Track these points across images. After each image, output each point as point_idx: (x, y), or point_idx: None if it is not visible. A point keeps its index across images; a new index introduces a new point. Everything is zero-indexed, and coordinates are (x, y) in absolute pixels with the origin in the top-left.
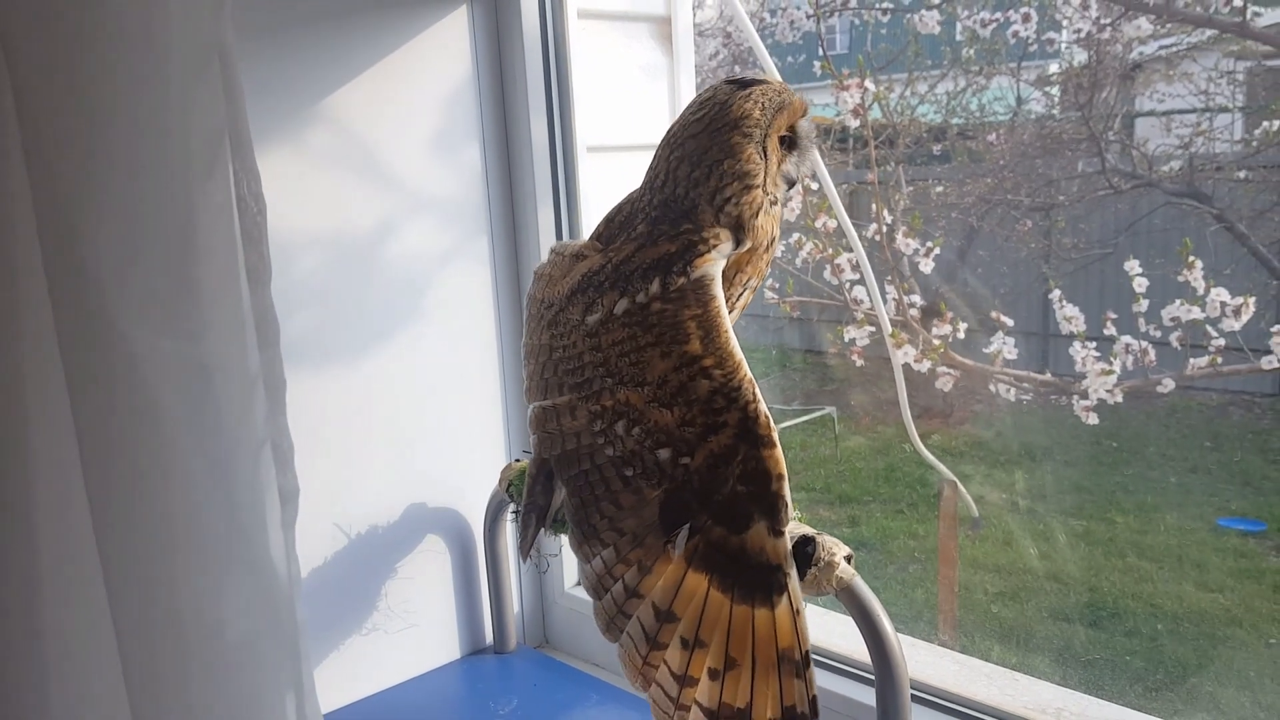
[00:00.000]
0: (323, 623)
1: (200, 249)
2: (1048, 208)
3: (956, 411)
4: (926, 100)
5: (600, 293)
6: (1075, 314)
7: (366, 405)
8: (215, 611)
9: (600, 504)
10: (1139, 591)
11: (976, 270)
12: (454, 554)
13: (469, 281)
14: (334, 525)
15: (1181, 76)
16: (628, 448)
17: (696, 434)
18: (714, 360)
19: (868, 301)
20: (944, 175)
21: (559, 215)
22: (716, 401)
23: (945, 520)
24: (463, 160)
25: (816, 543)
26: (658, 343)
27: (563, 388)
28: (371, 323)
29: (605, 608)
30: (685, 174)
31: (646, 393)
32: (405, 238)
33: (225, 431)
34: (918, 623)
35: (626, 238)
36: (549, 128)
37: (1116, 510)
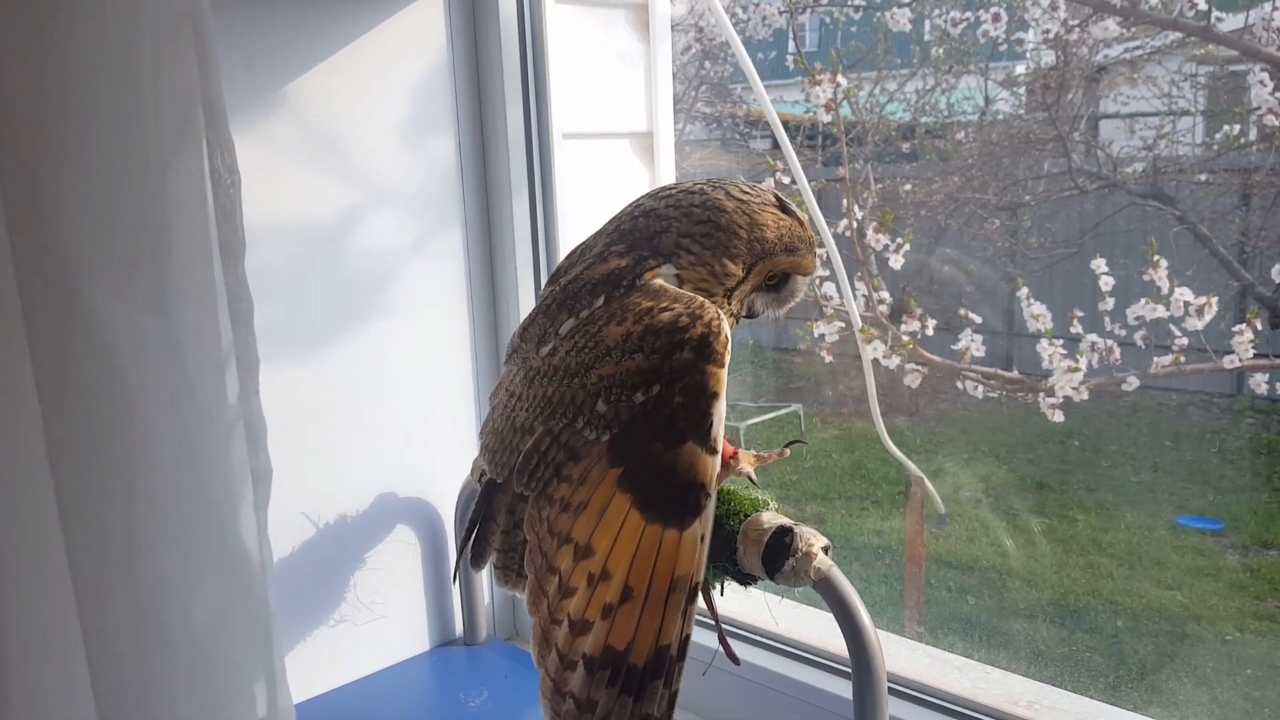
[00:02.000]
0: (289, 614)
1: (172, 222)
2: (1014, 207)
3: (924, 408)
4: (895, 98)
5: (551, 320)
6: (1042, 312)
7: (336, 394)
8: (184, 594)
9: (551, 469)
10: (1100, 588)
11: (944, 268)
12: (424, 544)
13: (442, 270)
14: (301, 515)
15: (1145, 80)
16: (600, 413)
17: (660, 359)
18: (671, 298)
19: (838, 298)
20: (912, 173)
21: (534, 203)
22: (681, 321)
23: (912, 516)
24: (437, 146)
25: (794, 533)
26: (610, 319)
27: (531, 429)
28: (342, 311)
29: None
30: (675, 226)
31: (614, 357)
32: (377, 225)
33: (197, 409)
34: (881, 618)
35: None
36: (525, 114)
37: (1079, 508)
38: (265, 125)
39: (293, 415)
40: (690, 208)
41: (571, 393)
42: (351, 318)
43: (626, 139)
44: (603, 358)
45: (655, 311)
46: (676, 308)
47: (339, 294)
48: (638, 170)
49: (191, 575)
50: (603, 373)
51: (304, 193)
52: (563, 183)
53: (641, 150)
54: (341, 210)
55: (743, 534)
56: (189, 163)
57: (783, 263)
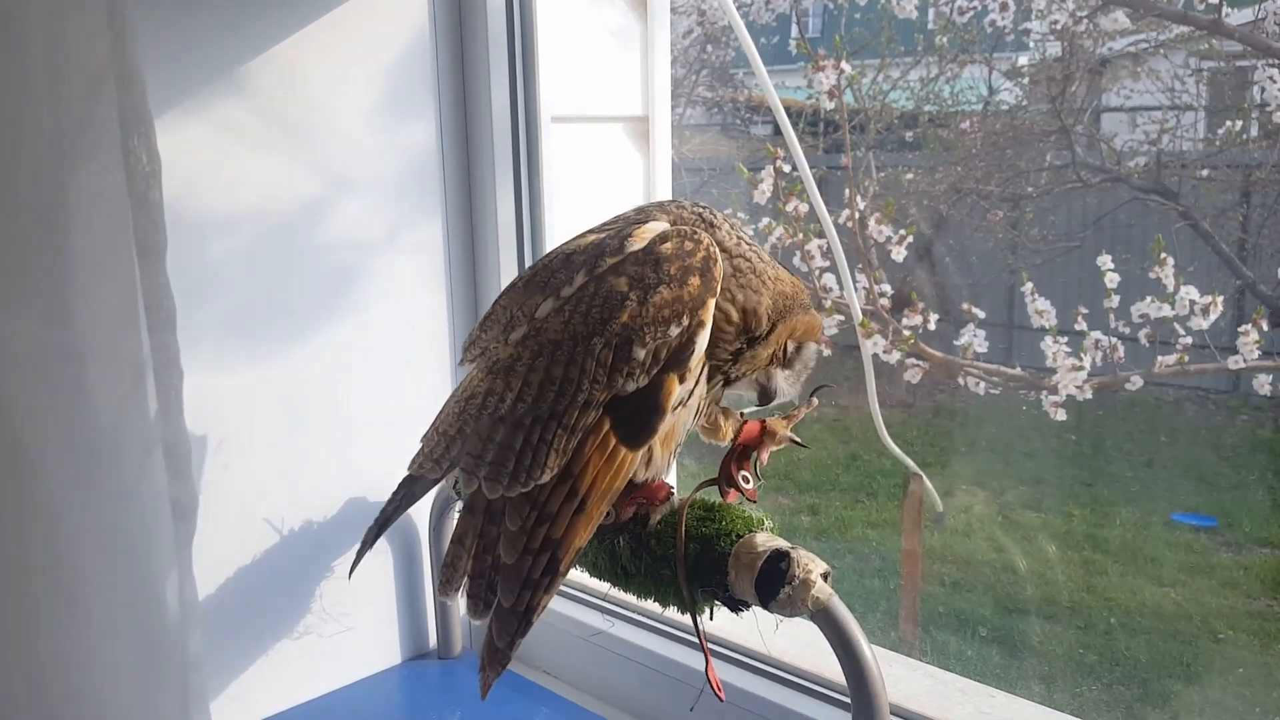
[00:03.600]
0: (250, 626)
1: (73, 214)
2: (1017, 198)
3: (920, 399)
4: (899, 86)
5: (520, 304)
6: (1046, 308)
7: (303, 394)
8: (85, 651)
9: (544, 455)
10: (1094, 585)
11: (946, 259)
12: (396, 552)
13: (419, 262)
14: (264, 521)
15: (1148, 73)
16: (639, 360)
17: (679, 287)
18: (666, 233)
19: (838, 290)
20: (915, 162)
21: (519, 190)
22: (685, 246)
23: (910, 515)
24: (415, 129)
25: (791, 558)
26: (610, 273)
27: (518, 422)
28: (309, 306)
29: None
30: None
31: (635, 298)
32: (349, 214)
33: (100, 431)
34: (875, 613)
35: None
36: (511, 95)
37: (1074, 503)
38: (224, 104)
39: (255, 416)
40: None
41: (581, 359)
42: (320, 313)
43: (621, 123)
44: (618, 307)
45: (657, 244)
46: (674, 239)
47: (307, 288)
48: (631, 157)
49: (94, 630)
50: (624, 320)
51: (268, 178)
52: (551, 169)
53: (636, 136)
54: (309, 198)
55: (734, 556)
56: (97, 145)
57: (800, 324)
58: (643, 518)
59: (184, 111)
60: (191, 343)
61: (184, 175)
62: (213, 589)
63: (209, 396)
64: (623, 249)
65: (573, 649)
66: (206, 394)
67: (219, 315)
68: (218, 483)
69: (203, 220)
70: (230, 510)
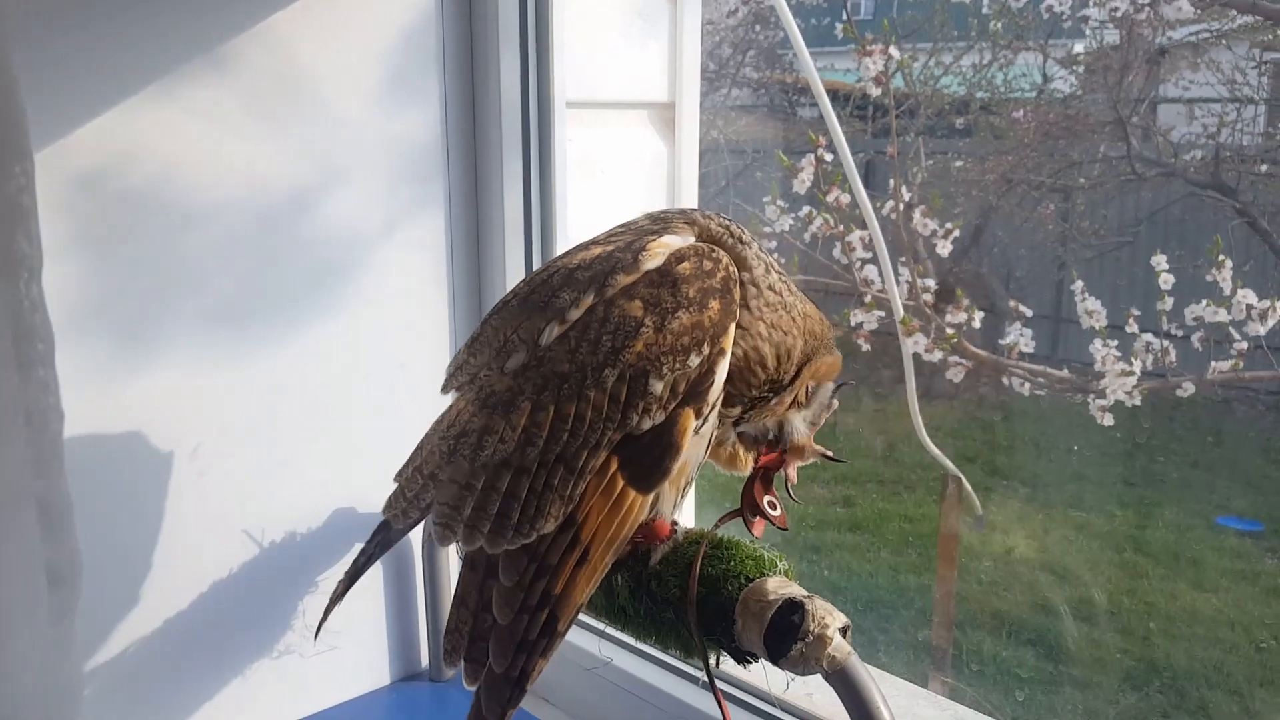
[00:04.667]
0: (225, 644)
1: None
2: (1068, 190)
3: (964, 394)
4: (951, 72)
5: (513, 326)
6: (1096, 308)
7: (289, 396)
8: None
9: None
10: (1134, 588)
11: (994, 250)
12: (387, 567)
13: (419, 257)
14: (242, 532)
15: (1208, 64)
16: (656, 394)
17: (699, 311)
18: (682, 251)
19: (879, 283)
20: (965, 150)
21: (528, 181)
22: (705, 266)
23: (947, 518)
24: (417, 111)
25: (806, 609)
26: (621, 295)
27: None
28: (298, 302)
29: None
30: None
31: (651, 324)
32: (342, 203)
33: None
34: (908, 610)
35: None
36: (522, 77)
37: (1116, 503)
38: (204, 84)
39: (236, 420)
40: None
41: (592, 394)
42: (308, 310)
43: (645, 110)
44: (633, 335)
45: (673, 263)
46: (692, 257)
47: (294, 283)
48: (655, 147)
49: None
50: (639, 349)
51: (252, 165)
52: (565, 159)
53: (662, 124)
54: (298, 186)
55: (742, 603)
56: None
57: (824, 366)
58: (642, 555)
59: (158, 92)
60: (164, 340)
61: (157, 162)
62: (184, 605)
63: (182, 398)
64: (638, 265)
65: (574, 677)
66: (180, 395)
67: (194, 311)
68: (191, 491)
69: (177, 210)
70: (204, 520)
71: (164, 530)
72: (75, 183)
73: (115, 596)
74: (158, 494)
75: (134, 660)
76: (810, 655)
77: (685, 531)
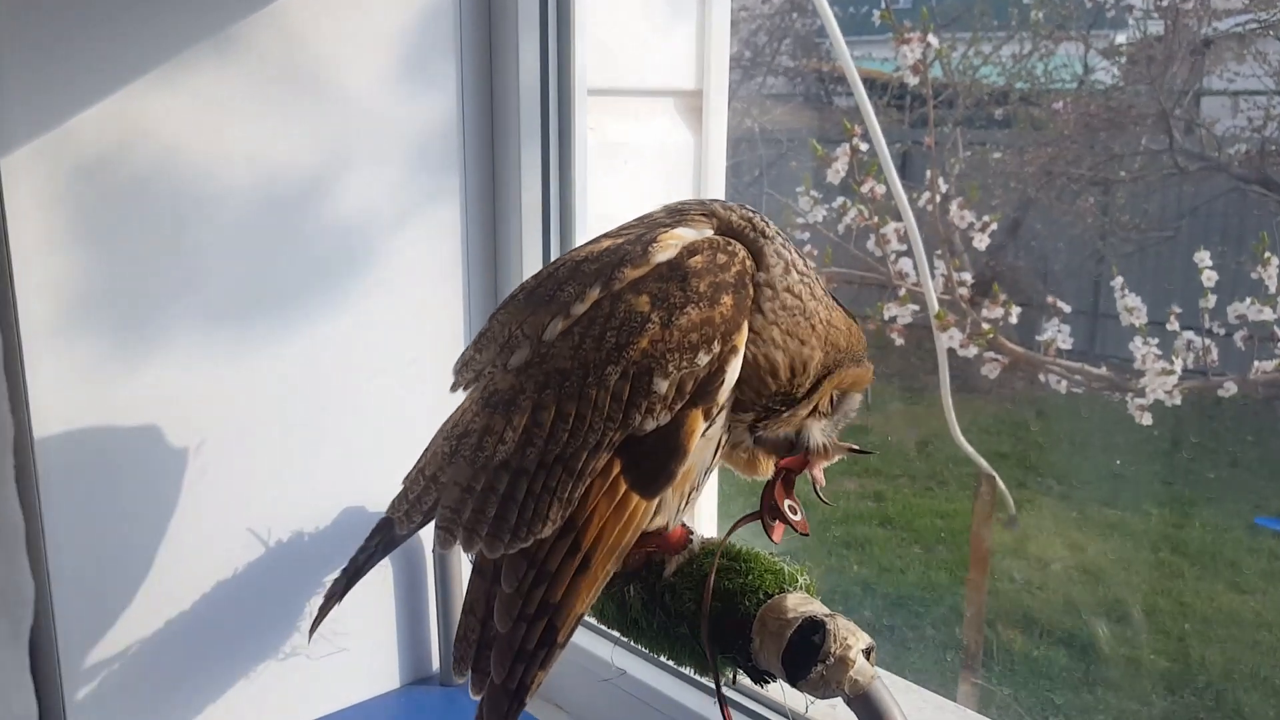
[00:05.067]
0: (229, 646)
1: None
2: (1109, 183)
3: (1000, 389)
4: (990, 62)
5: (520, 321)
6: (1137, 305)
7: (295, 391)
8: None
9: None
10: (1170, 588)
11: (1031, 245)
12: (397, 567)
13: (433, 247)
14: (247, 531)
15: (1255, 56)
16: (660, 394)
17: (709, 307)
18: (695, 243)
19: (914, 276)
20: (1003, 141)
21: (547, 171)
22: (719, 259)
23: (980, 517)
24: (433, 97)
25: (827, 630)
26: (629, 290)
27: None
28: (306, 292)
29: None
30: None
31: (657, 320)
32: (353, 192)
33: None
34: (939, 607)
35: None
36: (542, 60)
37: (1152, 502)
38: (209, 68)
39: (241, 416)
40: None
41: (594, 392)
42: (317, 303)
43: (671, 98)
44: (638, 330)
45: (685, 256)
46: (705, 250)
47: (302, 274)
48: (682, 136)
49: None
50: (644, 346)
51: (259, 152)
52: (586, 148)
53: (688, 112)
54: (307, 174)
55: (760, 621)
56: None
57: (849, 377)
58: (656, 566)
59: (160, 78)
60: (167, 334)
61: (160, 150)
62: (187, 605)
63: (185, 393)
64: (647, 258)
65: (589, 686)
66: (183, 391)
67: (198, 304)
68: (194, 489)
69: (181, 200)
70: (208, 519)
71: (166, 529)
72: (75, 172)
73: (116, 596)
74: (160, 492)
75: (135, 661)
76: (831, 678)
77: (702, 541)
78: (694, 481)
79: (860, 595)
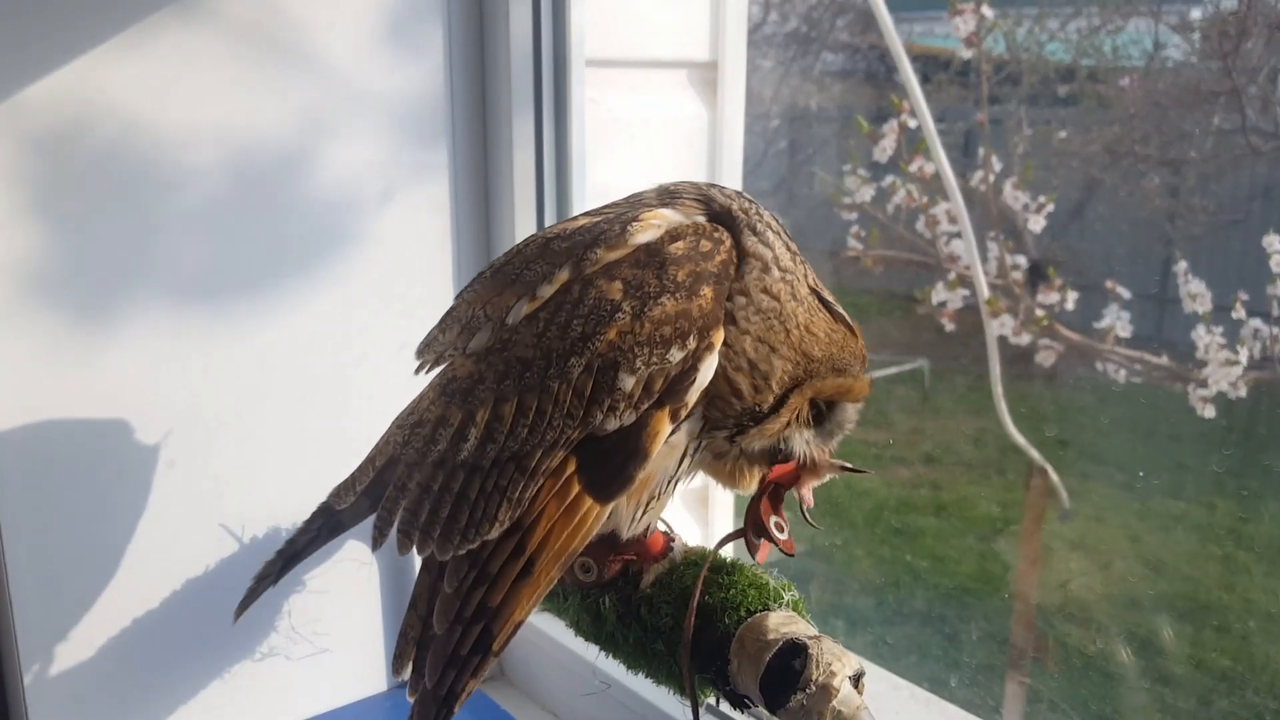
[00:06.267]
0: (201, 646)
1: None
2: (1177, 164)
3: (1053, 381)
4: (1056, 38)
5: (484, 300)
6: (1201, 291)
7: (271, 379)
8: None
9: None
10: (1234, 584)
11: (1096, 226)
12: (383, 564)
13: (420, 225)
14: (220, 526)
15: None
16: (625, 391)
17: (687, 298)
18: (679, 227)
19: (964, 259)
20: (1069, 119)
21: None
22: (703, 246)
23: (1031, 510)
24: (419, 66)
25: (809, 654)
26: (601, 274)
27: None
28: (283, 273)
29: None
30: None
31: (628, 311)
32: (334, 165)
33: None
34: (994, 598)
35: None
36: (535, 26)
37: (1218, 494)
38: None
39: (215, 403)
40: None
41: (555, 385)
42: (296, 282)
43: (683, 69)
44: (605, 320)
45: (666, 242)
46: (689, 235)
47: (280, 253)
48: (695, 111)
49: None
50: (611, 338)
51: (232, 122)
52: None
53: (702, 84)
54: (284, 147)
55: (738, 641)
56: None
57: (828, 387)
58: (633, 576)
59: (123, 43)
60: (130, 316)
61: (122, 120)
62: (155, 604)
63: (151, 380)
64: (625, 238)
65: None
66: (148, 377)
67: (167, 286)
68: (161, 482)
69: (146, 174)
70: (176, 514)
71: (132, 525)
72: (30, 144)
73: (79, 594)
74: (125, 485)
75: (102, 662)
76: (813, 708)
77: (685, 550)
78: (654, 490)
79: (911, 585)
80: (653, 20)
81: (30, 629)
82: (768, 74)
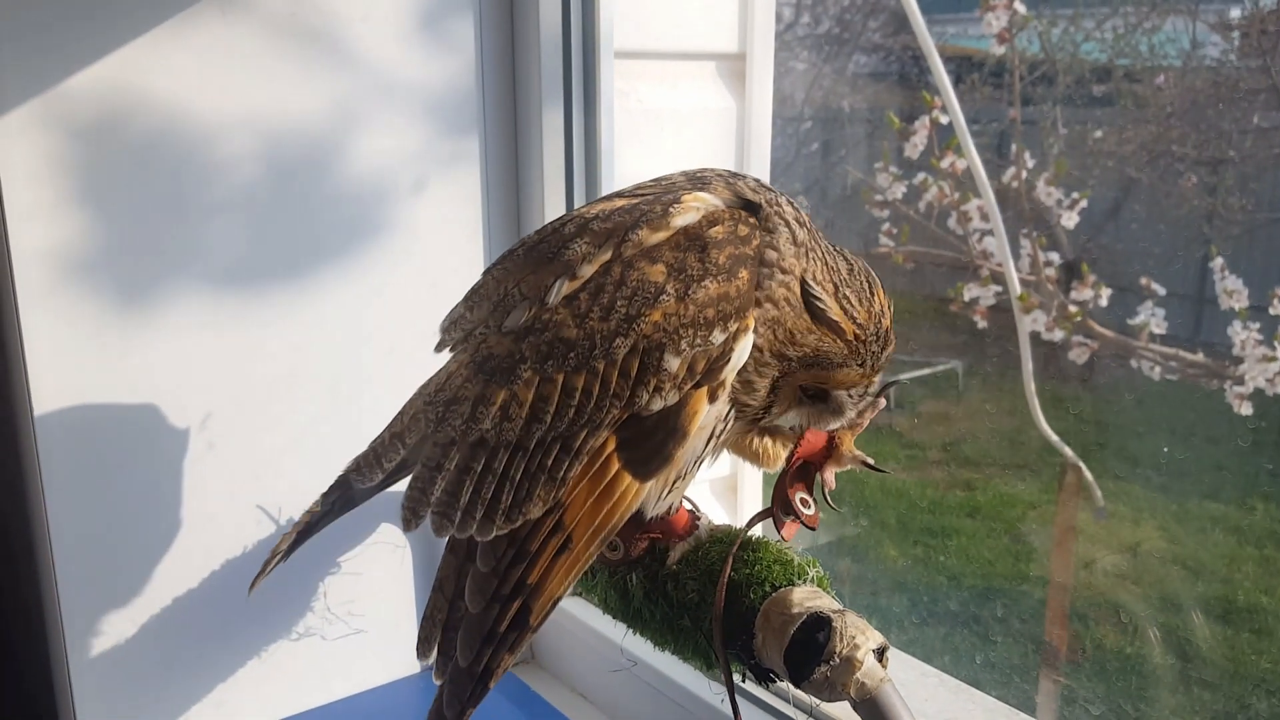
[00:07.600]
0: (238, 626)
1: None
2: (1216, 163)
3: (1087, 379)
4: (1092, 37)
5: (516, 278)
6: (1238, 288)
7: (308, 362)
8: None
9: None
10: (1273, 586)
11: (1133, 225)
12: (416, 547)
13: (450, 215)
14: (257, 508)
15: None
16: (670, 372)
17: (727, 280)
18: (716, 212)
19: (997, 255)
20: (1105, 119)
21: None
22: (740, 231)
23: (1065, 508)
24: (450, 58)
25: (833, 627)
26: (642, 257)
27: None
28: (317, 260)
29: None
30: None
31: (673, 293)
32: (367, 153)
33: None
34: (1029, 600)
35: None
36: (564, 19)
37: (1257, 495)
38: (215, 24)
39: (250, 389)
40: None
41: (601, 366)
42: (329, 271)
43: (711, 61)
44: (650, 302)
45: (705, 226)
46: (726, 221)
47: (314, 242)
48: (723, 103)
49: None
50: (656, 319)
51: (269, 112)
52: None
53: (731, 77)
54: (319, 135)
55: (763, 615)
56: None
57: (808, 378)
58: (660, 553)
59: (161, 36)
60: (170, 302)
61: (163, 111)
62: (195, 584)
63: (191, 364)
64: (667, 219)
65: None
66: (188, 361)
67: (204, 271)
68: (201, 463)
69: (185, 164)
70: (215, 495)
71: (172, 507)
72: (72, 135)
73: (122, 575)
74: (164, 466)
75: (142, 642)
76: (836, 680)
77: (711, 528)
78: (682, 469)
79: (946, 586)
80: (681, 12)
81: (74, 607)
82: (800, 75)
